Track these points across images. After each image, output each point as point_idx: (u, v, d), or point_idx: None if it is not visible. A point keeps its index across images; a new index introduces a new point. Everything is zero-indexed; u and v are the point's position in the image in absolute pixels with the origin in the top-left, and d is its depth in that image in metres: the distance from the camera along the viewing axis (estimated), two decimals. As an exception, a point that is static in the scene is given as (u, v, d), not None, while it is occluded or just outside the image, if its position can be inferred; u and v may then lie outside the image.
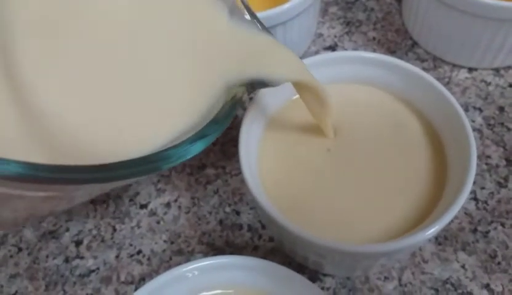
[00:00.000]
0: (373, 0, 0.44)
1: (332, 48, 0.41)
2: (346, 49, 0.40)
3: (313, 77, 0.25)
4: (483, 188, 0.31)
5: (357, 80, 0.32)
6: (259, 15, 0.32)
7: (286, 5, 0.33)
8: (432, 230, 0.22)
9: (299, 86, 0.26)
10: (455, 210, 0.23)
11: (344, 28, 0.42)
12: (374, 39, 0.41)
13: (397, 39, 0.41)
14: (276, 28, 0.34)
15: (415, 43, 0.40)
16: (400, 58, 0.38)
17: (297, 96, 0.31)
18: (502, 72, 0.38)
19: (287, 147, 0.30)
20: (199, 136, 0.18)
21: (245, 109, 0.36)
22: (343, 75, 0.32)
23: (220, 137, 0.35)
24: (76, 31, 0.20)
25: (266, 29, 0.24)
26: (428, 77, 0.30)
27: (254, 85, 0.22)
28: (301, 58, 0.39)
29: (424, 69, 0.38)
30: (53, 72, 0.20)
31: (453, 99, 0.28)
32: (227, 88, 0.21)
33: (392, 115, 0.31)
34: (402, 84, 0.31)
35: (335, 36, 0.41)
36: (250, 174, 0.25)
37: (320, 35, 0.42)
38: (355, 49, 0.40)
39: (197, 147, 0.18)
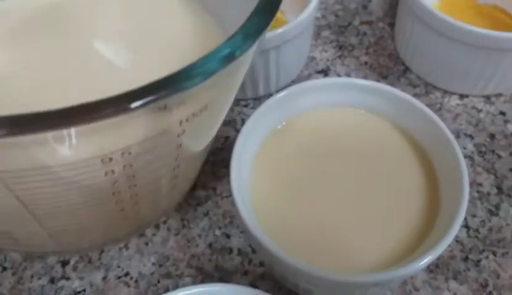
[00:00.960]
0: (366, 24, 0.44)
1: (325, 72, 0.41)
2: (338, 73, 0.41)
3: None
4: (474, 216, 0.31)
5: (349, 104, 0.32)
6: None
7: (280, 29, 0.33)
8: (425, 261, 0.22)
9: None
10: (447, 240, 0.23)
11: (336, 52, 0.42)
12: (366, 63, 0.41)
13: (389, 64, 0.41)
14: (269, 51, 0.34)
15: (407, 69, 0.41)
16: (392, 83, 0.39)
17: (289, 119, 0.31)
18: (493, 99, 0.38)
19: (280, 171, 0.30)
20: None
21: (237, 131, 0.36)
22: (335, 100, 0.32)
23: (211, 157, 0.35)
24: None
25: None
26: (419, 104, 0.30)
27: None
28: (294, 81, 0.40)
29: (416, 94, 0.39)
30: None
31: (444, 126, 0.29)
32: None
33: (385, 141, 0.31)
34: (394, 110, 0.31)
35: (328, 60, 0.42)
36: (240, 199, 0.25)
37: (313, 58, 0.42)
38: (347, 73, 0.41)
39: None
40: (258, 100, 0.39)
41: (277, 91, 0.38)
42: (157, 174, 0.22)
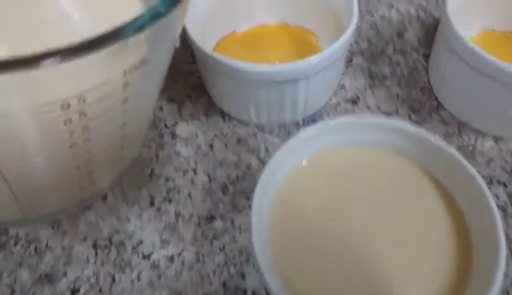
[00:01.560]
0: (399, 53, 0.43)
1: (354, 101, 0.39)
2: (368, 104, 0.39)
3: None
4: (506, 275, 0.29)
5: (377, 144, 0.31)
6: (282, 67, 0.31)
7: (314, 59, 0.32)
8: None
9: None
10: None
11: (367, 81, 0.41)
12: (398, 95, 0.40)
13: (421, 98, 0.40)
14: (298, 82, 0.33)
15: (439, 105, 0.39)
16: (423, 118, 0.37)
17: (315, 155, 0.30)
18: (530, 144, 0.36)
19: (302, 209, 0.29)
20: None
21: (260, 159, 0.35)
22: (362, 139, 0.31)
23: (231, 186, 0.34)
24: None
25: None
26: (450, 149, 0.28)
27: None
28: (322, 109, 0.38)
29: (447, 133, 0.37)
30: None
31: (476, 174, 0.27)
32: None
33: (413, 185, 0.30)
34: (423, 153, 0.30)
35: (358, 89, 0.40)
36: (259, 242, 0.24)
37: (343, 86, 0.40)
38: (377, 105, 0.39)
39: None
40: (284, 127, 0.38)
41: (304, 119, 0.38)
42: (108, 129, 0.25)
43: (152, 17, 0.20)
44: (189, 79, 0.41)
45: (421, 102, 0.39)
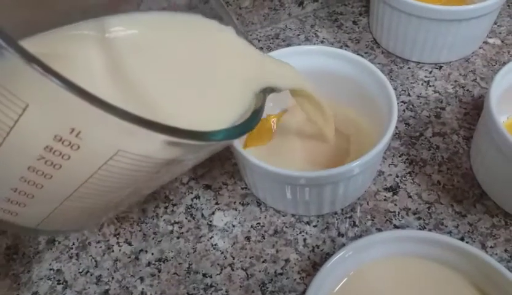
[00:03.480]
0: (438, 136, 0.42)
1: (393, 189, 0.39)
2: (408, 192, 0.38)
3: (308, 84, 0.31)
4: None
5: (422, 256, 0.30)
6: (323, 173, 0.31)
7: (357, 163, 0.31)
8: None
9: (298, 95, 0.32)
10: None
11: (406, 167, 0.40)
12: (439, 183, 0.39)
13: (464, 186, 0.38)
14: (338, 183, 0.33)
15: (483, 193, 0.38)
16: (467, 210, 0.36)
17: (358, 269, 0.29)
18: None
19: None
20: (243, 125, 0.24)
21: (298, 252, 0.35)
22: (407, 251, 0.30)
23: (269, 285, 0.33)
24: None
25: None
26: (495, 263, 0.27)
27: (267, 92, 0.28)
28: (360, 197, 0.38)
29: (493, 225, 0.36)
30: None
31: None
32: (253, 95, 0.27)
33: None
34: (468, 266, 0.28)
35: (397, 176, 0.39)
36: None
37: (381, 172, 0.40)
38: (418, 193, 0.38)
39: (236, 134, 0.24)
40: (322, 217, 0.37)
41: (342, 209, 0.37)
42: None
43: (235, 134, 0.23)
44: (225, 165, 0.41)
45: (463, 191, 0.38)
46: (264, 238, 0.36)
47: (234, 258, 0.35)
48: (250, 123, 0.25)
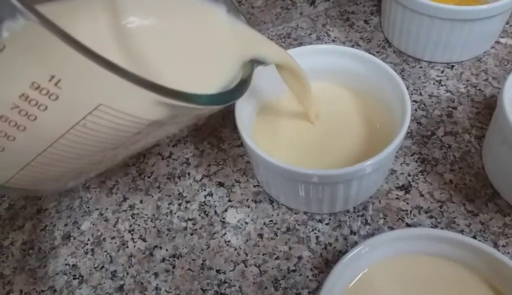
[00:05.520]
0: (450, 135, 0.42)
1: (406, 188, 0.39)
2: (420, 191, 0.38)
3: (293, 59, 0.33)
4: None
5: (436, 254, 0.30)
6: (336, 172, 0.31)
7: (367, 163, 0.31)
8: None
9: (282, 69, 0.34)
10: None
11: (418, 166, 0.40)
12: (451, 182, 0.39)
13: (476, 185, 0.39)
14: (351, 181, 0.33)
15: (495, 193, 0.38)
16: (479, 209, 0.36)
17: (370, 267, 0.29)
18: None
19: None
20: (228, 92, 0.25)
21: (311, 250, 0.35)
22: (421, 249, 0.30)
23: (282, 281, 0.34)
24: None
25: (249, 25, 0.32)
26: (506, 259, 0.27)
27: (254, 63, 0.29)
28: (373, 196, 0.38)
29: (505, 225, 0.36)
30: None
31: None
32: (240, 64, 0.29)
33: None
34: (479, 262, 0.29)
35: (409, 175, 0.40)
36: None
37: (393, 171, 0.40)
38: (430, 192, 0.38)
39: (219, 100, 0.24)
40: (334, 215, 0.37)
41: (355, 207, 0.37)
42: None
43: (219, 101, 0.23)
44: (237, 163, 0.41)
45: (476, 190, 0.38)
46: (276, 235, 0.37)
47: (247, 255, 0.36)
48: (235, 92, 0.25)
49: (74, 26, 0.27)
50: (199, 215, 0.38)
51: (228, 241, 0.37)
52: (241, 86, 0.26)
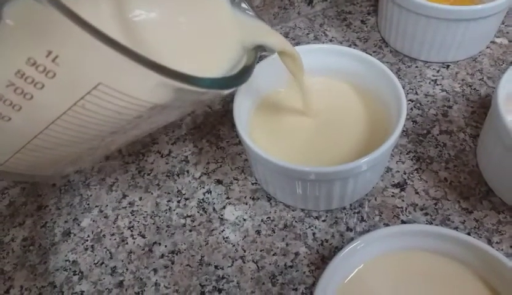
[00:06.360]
0: (445, 134, 0.43)
1: (401, 185, 0.39)
2: (416, 189, 0.39)
3: (290, 46, 0.34)
4: None
5: (431, 249, 0.31)
6: (332, 169, 0.32)
7: (363, 160, 0.32)
8: None
9: (284, 55, 0.34)
10: None
11: (414, 164, 0.41)
12: (446, 180, 0.39)
13: (470, 183, 0.39)
14: (348, 179, 0.33)
15: (490, 190, 0.38)
16: (474, 206, 0.37)
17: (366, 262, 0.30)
18: None
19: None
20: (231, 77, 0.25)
21: (308, 246, 0.35)
22: (410, 245, 0.31)
23: (280, 277, 0.34)
24: None
25: (256, 15, 0.32)
26: (502, 257, 0.28)
27: (258, 50, 0.30)
28: (368, 193, 0.38)
29: (499, 222, 0.37)
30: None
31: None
32: (244, 51, 0.29)
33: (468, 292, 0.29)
34: (474, 259, 0.29)
35: (404, 172, 0.40)
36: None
37: (389, 169, 0.40)
38: (425, 190, 0.39)
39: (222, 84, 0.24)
40: (331, 212, 0.38)
41: (351, 204, 0.38)
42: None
43: (221, 85, 0.23)
44: (236, 161, 0.42)
45: (470, 187, 0.39)
46: (274, 232, 0.37)
47: (245, 251, 0.36)
48: (238, 77, 0.25)
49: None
50: (198, 212, 0.39)
51: (226, 238, 0.37)
52: (244, 72, 0.26)
